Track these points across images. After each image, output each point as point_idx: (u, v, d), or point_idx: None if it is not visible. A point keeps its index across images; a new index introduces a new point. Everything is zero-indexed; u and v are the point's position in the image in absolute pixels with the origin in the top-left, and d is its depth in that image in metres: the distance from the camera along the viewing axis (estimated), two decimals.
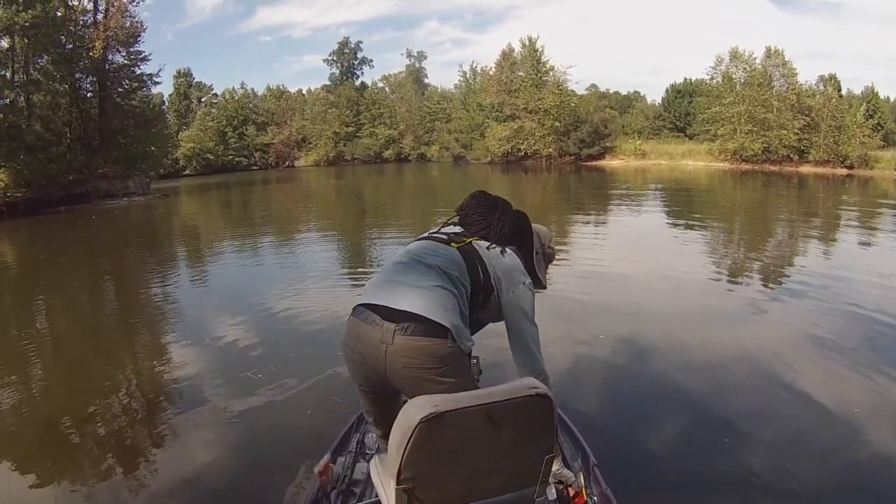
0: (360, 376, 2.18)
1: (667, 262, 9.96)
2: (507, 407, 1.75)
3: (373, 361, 2.07)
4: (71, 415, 4.89)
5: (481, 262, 2.30)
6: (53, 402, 5.32)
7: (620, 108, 61.23)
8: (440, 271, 2.17)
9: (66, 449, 4.37)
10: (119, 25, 30.93)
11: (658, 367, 5.33)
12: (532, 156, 50.10)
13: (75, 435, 4.60)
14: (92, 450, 4.34)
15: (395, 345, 2.00)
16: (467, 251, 2.31)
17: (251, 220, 22.18)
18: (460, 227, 2.49)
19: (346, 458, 2.96)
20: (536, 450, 1.86)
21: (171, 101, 66.00)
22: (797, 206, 21.14)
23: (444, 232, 2.44)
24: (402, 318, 2.02)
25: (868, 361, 5.21)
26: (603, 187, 29.14)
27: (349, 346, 2.16)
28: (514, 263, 2.39)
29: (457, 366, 2.05)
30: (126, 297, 10.07)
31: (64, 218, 23.02)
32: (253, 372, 5.47)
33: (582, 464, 2.91)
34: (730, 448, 3.83)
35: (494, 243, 2.39)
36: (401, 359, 2.00)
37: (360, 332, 2.10)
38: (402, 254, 2.33)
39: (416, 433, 1.65)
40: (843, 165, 37.23)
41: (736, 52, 43.62)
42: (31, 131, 26.61)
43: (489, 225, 2.45)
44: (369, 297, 2.15)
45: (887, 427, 4.08)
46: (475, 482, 1.82)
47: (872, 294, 7.54)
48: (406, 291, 2.10)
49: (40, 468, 4.06)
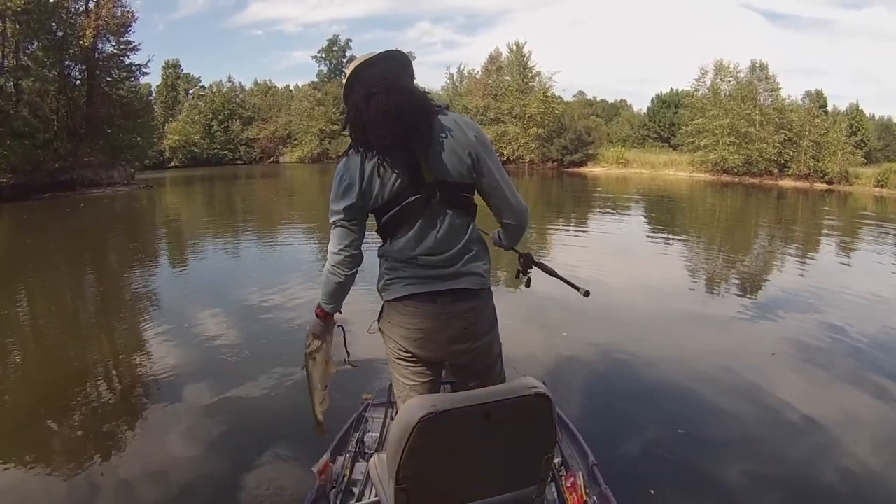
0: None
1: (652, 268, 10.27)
2: (506, 406, 1.75)
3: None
4: (50, 400, 4.88)
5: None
6: (31, 388, 5.29)
7: (606, 116, 61.51)
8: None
9: (43, 435, 4.31)
10: (110, 14, 30.92)
11: (658, 367, 5.44)
12: (515, 160, 50.31)
13: (58, 422, 4.55)
14: (70, 436, 4.33)
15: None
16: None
17: (233, 214, 22.33)
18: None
19: (345, 458, 2.98)
20: (535, 449, 1.87)
21: (158, 91, 65.43)
22: (776, 218, 21.55)
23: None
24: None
25: (851, 371, 5.47)
26: (584, 193, 29.46)
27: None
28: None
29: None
30: (110, 283, 10.25)
31: (49, 204, 23.03)
32: (230, 356, 5.69)
33: (581, 463, 2.93)
34: (730, 447, 3.89)
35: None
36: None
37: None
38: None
39: (414, 432, 1.65)
40: (822, 180, 37.67)
41: (721, 65, 44.25)
42: (19, 117, 26.55)
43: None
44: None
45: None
46: (474, 481, 1.84)
47: (851, 305, 7.93)
48: None
49: (13, 455, 3.99)
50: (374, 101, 1.99)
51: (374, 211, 2.13)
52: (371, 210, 2.13)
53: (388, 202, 2.08)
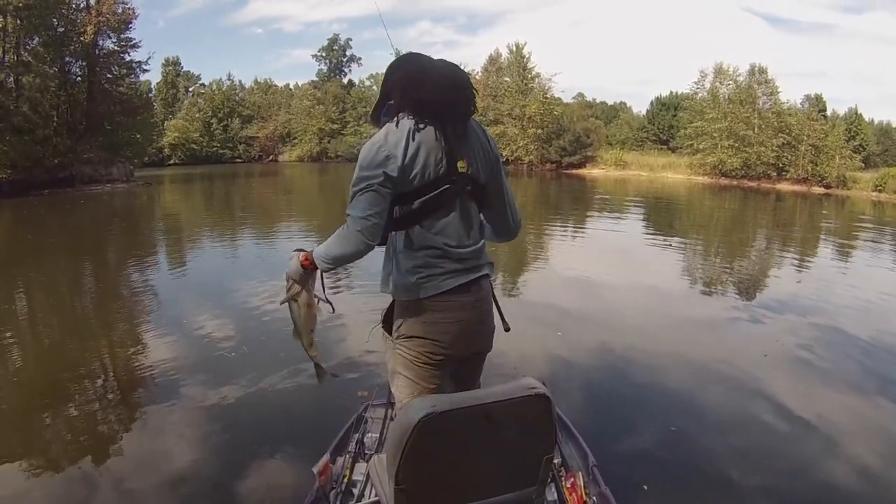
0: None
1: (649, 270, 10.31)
2: (506, 407, 1.75)
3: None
4: (48, 398, 4.84)
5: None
6: (29, 384, 5.27)
7: (606, 118, 61.52)
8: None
9: (41, 433, 4.29)
10: (111, 11, 30.89)
11: (659, 367, 5.43)
12: (514, 161, 50.27)
13: (53, 418, 4.53)
14: (67, 434, 4.30)
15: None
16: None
17: (232, 211, 22.33)
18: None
19: (345, 458, 2.96)
20: (535, 450, 1.87)
21: (158, 88, 65.42)
22: (774, 221, 21.61)
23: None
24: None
25: (843, 371, 5.52)
26: (583, 195, 29.55)
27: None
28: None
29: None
30: (108, 279, 10.25)
31: (48, 201, 22.99)
32: (229, 352, 5.72)
33: (581, 464, 2.93)
34: (731, 447, 3.88)
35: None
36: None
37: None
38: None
39: (414, 433, 1.64)
40: (820, 184, 37.81)
41: (720, 68, 44.39)
42: (19, 113, 26.47)
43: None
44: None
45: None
46: (474, 482, 1.83)
47: (845, 308, 7.97)
48: None
49: (10, 453, 3.96)
50: (439, 64, 2.14)
51: (405, 193, 2.06)
52: (403, 191, 2.06)
53: (427, 185, 2.06)
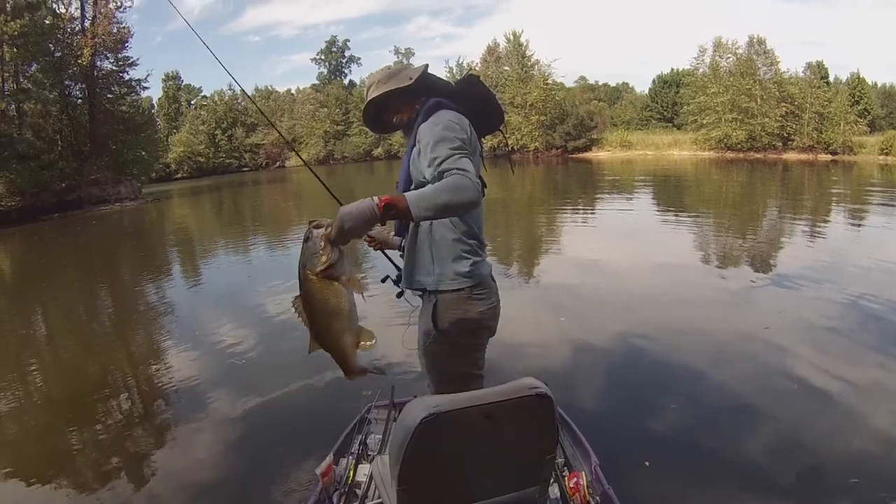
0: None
1: (660, 251, 10.13)
2: (508, 407, 1.74)
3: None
4: (70, 419, 4.92)
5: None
6: (54, 407, 5.35)
7: (610, 100, 61.31)
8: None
9: (66, 454, 4.36)
10: (106, 32, 31.07)
11: (661, 364, 5.28)
12: (519, 150, 50.22)
13: (75, 439, 4.59)
14: (92, 454, 4.33)
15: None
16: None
17: (242, 221, 22.44)
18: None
19: (348, 460, 2.96)
20: (538, 449, 1.87)
21: (160, 104, 65.97)
22: (782, 191, 21.41)
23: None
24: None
25: (871, 345, 5.34)
26: (590, 178, 29.35)
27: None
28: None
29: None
30: (123, 297, 10.31)
31: (59, 224, 23.20)
32: (240, 360, 5.82)
33: (584, 464, 2.90)
34: (733, 446, 3.78)
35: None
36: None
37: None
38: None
39: (416, 433, 1.64)
40: (826, 151, 37.48)
41: (719, 42, 43.99)
42: (23, 140, 26.81)
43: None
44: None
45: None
46: (477, 482, 1.83)
47: (868, 278, 7.71)
48: None
49: (41, 474, 4.04)
50: (482, 86, 2.37)
51: None
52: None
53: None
